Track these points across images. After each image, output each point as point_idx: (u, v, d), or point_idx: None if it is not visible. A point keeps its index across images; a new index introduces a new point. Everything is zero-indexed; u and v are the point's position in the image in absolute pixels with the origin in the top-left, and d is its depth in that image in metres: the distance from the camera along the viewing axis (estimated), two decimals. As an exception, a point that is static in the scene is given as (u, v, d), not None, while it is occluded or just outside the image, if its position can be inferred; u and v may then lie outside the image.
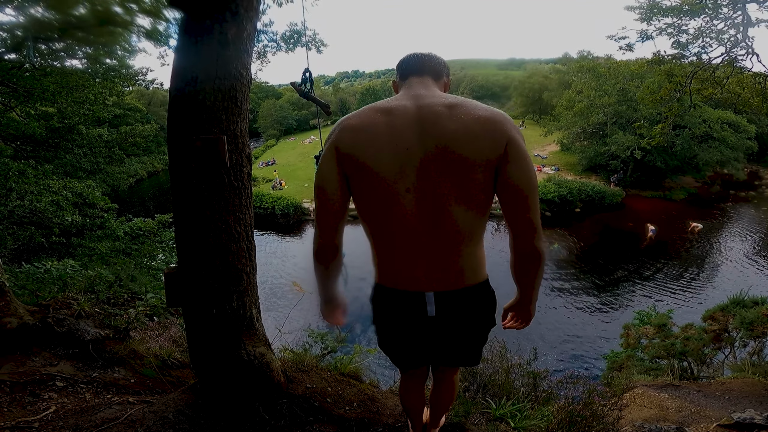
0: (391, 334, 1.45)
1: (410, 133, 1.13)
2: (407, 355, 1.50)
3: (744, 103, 7.99)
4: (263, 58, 8.37)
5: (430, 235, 1.20)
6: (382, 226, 1.27)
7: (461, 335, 1.39)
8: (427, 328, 1.33)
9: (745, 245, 20.76)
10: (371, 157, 1.15)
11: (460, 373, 2.96)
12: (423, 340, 1.38)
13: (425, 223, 1.19)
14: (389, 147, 1.14)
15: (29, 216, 8.27)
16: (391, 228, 1.24)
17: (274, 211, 25.83)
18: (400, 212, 1.19)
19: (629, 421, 3.62)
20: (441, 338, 1.37)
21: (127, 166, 13.40)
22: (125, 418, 2.21)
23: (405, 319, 1.34)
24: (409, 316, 1.32)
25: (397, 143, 1.13)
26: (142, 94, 48.68)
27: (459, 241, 1.23)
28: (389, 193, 1.17)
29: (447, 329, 1.33)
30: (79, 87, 8.51)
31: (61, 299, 3.45)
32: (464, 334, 1.39)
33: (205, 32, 1.72)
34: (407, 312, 1.31)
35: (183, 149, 1.76)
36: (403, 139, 1.13)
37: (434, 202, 1.16)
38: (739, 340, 6.26)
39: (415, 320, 1.32)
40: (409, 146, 1.13)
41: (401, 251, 1.26)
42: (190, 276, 1.90)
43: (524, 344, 10.68)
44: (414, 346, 1.44)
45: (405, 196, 1.17)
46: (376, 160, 1.15)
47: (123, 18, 2.59)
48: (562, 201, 25.31)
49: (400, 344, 1.47)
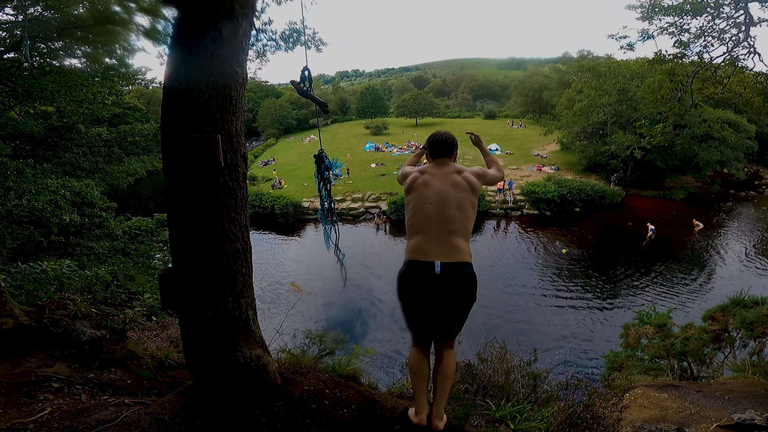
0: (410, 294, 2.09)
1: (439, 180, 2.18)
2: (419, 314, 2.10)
3: (745, 102, 7.96)
4: (262, 57, 8.33)
5: (441, 226, 2.06)
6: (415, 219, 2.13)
7: (453, 296, 2.02)
8: (434, 285, 2.01)
9: (746, 245, 20.74)
10: (419, 183, 2.19)
11: (459, 375, 2.99)
12: (430, 298, 2.03)
13: (439, 218, 2.07)
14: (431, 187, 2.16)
15: (28, 215, 8.25)
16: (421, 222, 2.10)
17: (274, 210, 25.78)
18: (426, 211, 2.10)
19: (629, 422, 3.60)
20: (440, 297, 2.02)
21: (126, 165, 13.37)
22: (121, 420, 2.18)
23: (420, 278, 2.03)
24: (423, 276, 2.03)
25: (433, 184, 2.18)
26: (141, 93, 48.69)
27: (457, 231, 2.07)
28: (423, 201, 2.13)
29: (445, 286, 2.01)
30: (78, 86, 8.48)
31: (58, 300, 3.43)
32: (455, 295, 2.03)
33: (198, 29, 1.70)
34: (423, 273, 2.03)
35: (176, 148, 1.73)
36: (433, 180, 2.19)
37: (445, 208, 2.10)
38: (739, 340, 6.22)
39: (426, 278, 2.02)
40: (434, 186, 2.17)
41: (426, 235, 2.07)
42: (184, 277, 1.87)
43: (524, 344, 10.68)
44: (424, 304, 2.06)
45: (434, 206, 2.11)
46: (420, 186, 2.19)
47: (122, 17, 2.57)
48: (562, 200, 25.30)
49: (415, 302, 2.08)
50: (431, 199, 2.09)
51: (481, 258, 19.17)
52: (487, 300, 15.77)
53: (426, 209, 2.08)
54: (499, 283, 17.29)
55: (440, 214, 2.05)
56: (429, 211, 2.07)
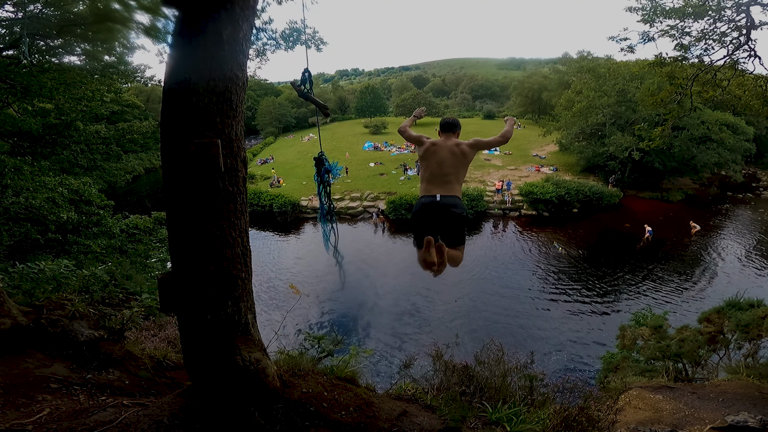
0: (419, 216, 3.08)
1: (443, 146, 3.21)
2: (424, 227, 2.99)
3: (744, 105, 7.97)
4: (262, 56, 8.32)
5: (444, 176, 3.09)
6: (427, 172, 3.15)
7: (449, 213, 3.00)
8: (435, 209, 3.01)
9: (742, 247, 20.82)
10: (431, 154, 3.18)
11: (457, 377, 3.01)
12: (432, 217, 3.01)
13: (443, 172, 3.09)
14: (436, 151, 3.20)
15: (25, 213, 8.22)
16: (429, 173, 3.15)
17: (272, 209, 25.73)
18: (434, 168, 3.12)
19: (624, 424, 3.63)
20: (442, 216, 3.00)
21: (124, 163, 13.33)
22: (119, 422, 2.18)
23: (426, 206, 3.04)
24: (428, 204, 3.03)
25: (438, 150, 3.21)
26: (140, 90, 48.43)
27: (451, 180, 3.09)
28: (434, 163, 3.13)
29: (445, 209, 2.99)
30: (77, 83, 8.43)
31: (55, 300, 3.43)
32: (450, 212, 3.01)
33: (199, 32, 1.68)
34: (428, 202, 3.04)
35: (176, 153, 1.72)
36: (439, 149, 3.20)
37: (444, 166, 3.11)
38: (734, 342, 6.27)
39: (431, 204, 3.02)
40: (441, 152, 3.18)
41: (432, 181, 3.11)
42: (184, 282, 1.87)
43: (521, 345, 10.72)
44: (428, 221, 3.02)
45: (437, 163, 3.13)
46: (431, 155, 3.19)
47: (122, 14, 2.55)
48: (560, 201, 25.35)
49: (422, 221, 3.05)
50: (437, 161, 3.16)
51: (479, 258, 19.20)
52: (485, 301, 15.80)
53: (432, 167, 3.17)
54: (497, 284, 17.32)
55: (441, 171, 3.13)
56: (434, 169, 3.16)
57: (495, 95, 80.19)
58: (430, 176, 3.13)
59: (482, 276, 17.58)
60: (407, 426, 2.58)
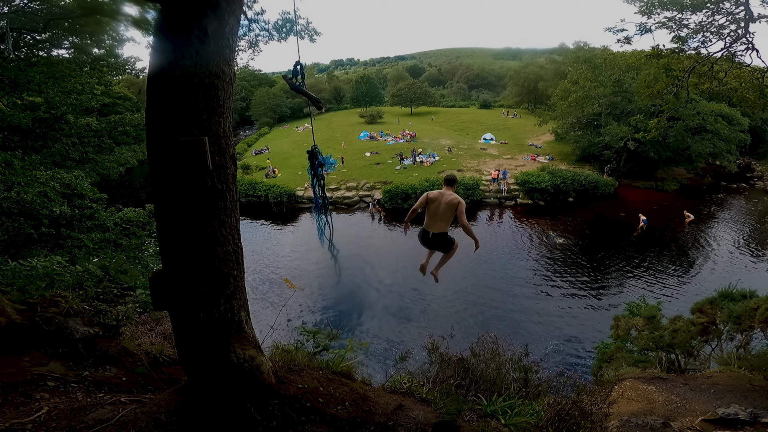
0: (421, 238, 4.92)
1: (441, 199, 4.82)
2: (425, 244, 4.99)
3: (741, 98, 7.95)
4: (255, 47, 8.20)
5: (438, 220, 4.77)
6: (428, 215, 4.82)
7: (440, 240, 4.83)
8: (430, 238, 4.83)
9: (736, 237, 21.03)
10: (432, 202, 4.83)
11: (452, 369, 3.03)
12: (429, 242, 4.89)
13: (437, 217, 4.76)
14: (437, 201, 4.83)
15: (17, 207, 8.13)
16: (429, 215, 4.82)
17: (268, 199, 25.65)
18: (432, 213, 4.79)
19: (617, 415, 3.68)
20: (433, 242, 4.86)
21: (116, 155, 13.17)
22: (117, 419, 2.19)
23: (426, 235, 4.84)
24: (427, 234, 4.83)
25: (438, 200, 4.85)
26: (131, 83, 47.78)
27: (443, 223, 4.77)
28: (432, 209, 4.79)
29: (435, 239, 4.81)
30: (66, 77, 8.29)
31: (49, 297, 3.40)
32: (440, 240, 4.82)
33: (183, 26, 1.62)
34: (426, 234, 4.84)
35: (163, 151, 1.68)
36: (439, 200, 4.83)
37: (440, 214, 4.79)
38: (726, 333, 6.35)
39: (427, 236, 4.83)
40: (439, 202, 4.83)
41: (430, 221, 4.79)
42: (175, 280, 1.86)
43: (517, 336, 10.82)
44: (427, 243, 4.93)
45: (434, 210, 4.79)
46: (432, 203, 4.84)
47: (109, 7, 2.49)
48: (555, 190, 25.45)
49: (423, 241, 4.94)
50: (434, 210, 4.69)
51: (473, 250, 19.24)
52: (481, 292, 15.91)
53: (432, 211, 4.71)
54: (493, 274, 17.43)
55: (436, 215, 4.70)
56: (434, 212, 4.70)
57: (491, 85, 79.78)
58: (430, 217, 4.75)
59: (478, 267, 17.67)
60: (403, 420, 2.60)
